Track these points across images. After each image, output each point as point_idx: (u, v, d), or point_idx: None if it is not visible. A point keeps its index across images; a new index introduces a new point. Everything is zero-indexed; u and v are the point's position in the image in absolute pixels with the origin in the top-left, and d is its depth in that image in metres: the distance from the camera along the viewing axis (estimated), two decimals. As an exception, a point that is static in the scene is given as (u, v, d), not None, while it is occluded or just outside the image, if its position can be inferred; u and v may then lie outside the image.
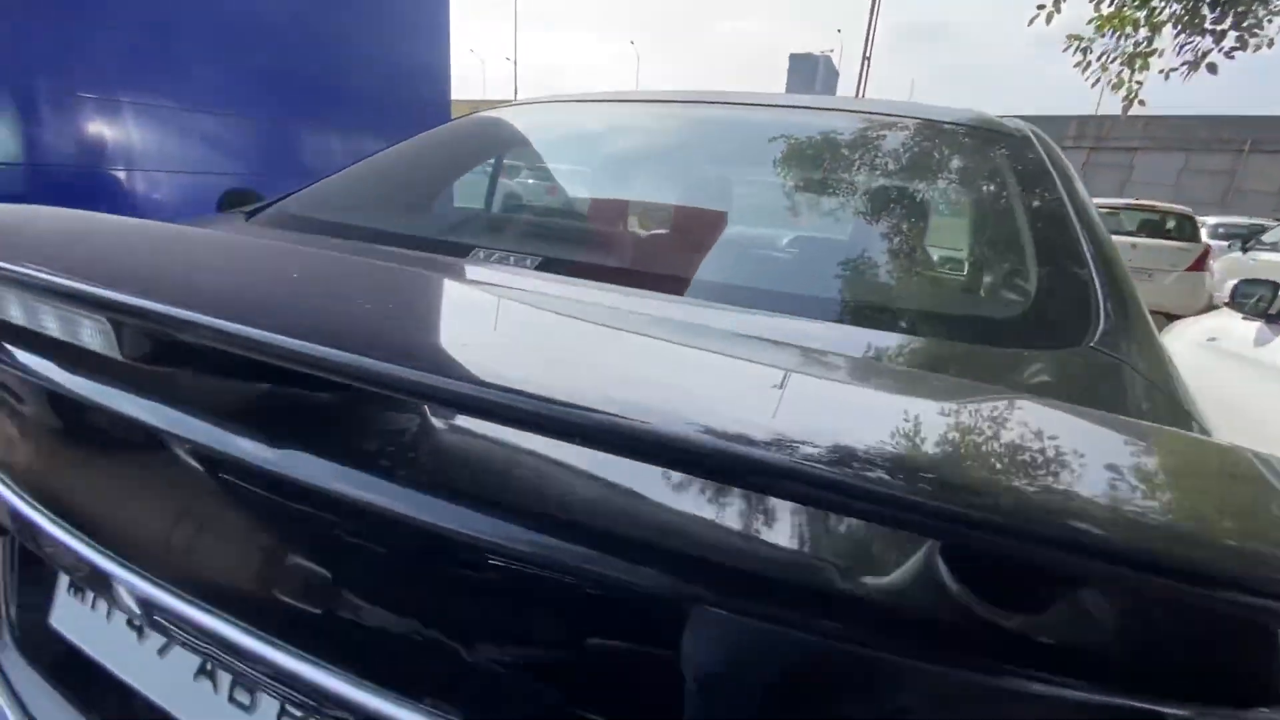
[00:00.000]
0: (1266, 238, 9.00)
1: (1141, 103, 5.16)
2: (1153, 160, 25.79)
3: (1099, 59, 5.12)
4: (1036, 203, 0.92)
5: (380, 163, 1.36)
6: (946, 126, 1.19)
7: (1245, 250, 8.88)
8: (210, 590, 0.54)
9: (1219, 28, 4.57)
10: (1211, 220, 11.94)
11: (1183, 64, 4.82)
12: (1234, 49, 4.68)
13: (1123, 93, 5.11)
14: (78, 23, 2.23)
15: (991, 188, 1.03)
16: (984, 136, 1.16)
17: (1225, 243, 9.44)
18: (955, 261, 1.28)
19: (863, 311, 0.80)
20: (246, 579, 0.54)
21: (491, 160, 1.87)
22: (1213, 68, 4.68)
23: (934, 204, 1.18)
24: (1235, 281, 2.50)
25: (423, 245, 0.97)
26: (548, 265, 0.86)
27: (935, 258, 1.27)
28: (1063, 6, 4.99)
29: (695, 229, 1.30)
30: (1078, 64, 5.19)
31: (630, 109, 1.51)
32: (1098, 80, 5.11)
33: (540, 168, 2.20)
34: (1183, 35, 4.68)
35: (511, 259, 0.88)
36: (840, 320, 0.75)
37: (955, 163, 1.15)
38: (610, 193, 1.57)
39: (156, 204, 2.58)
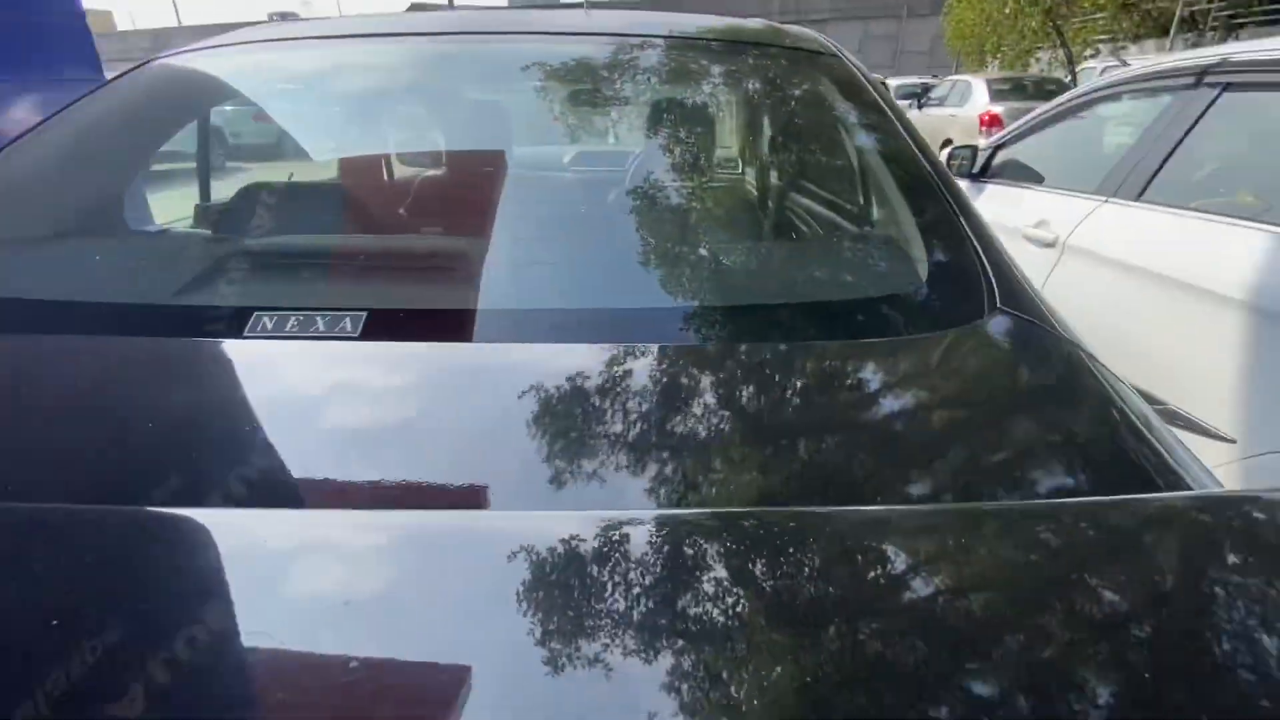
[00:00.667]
0: (934, 94, 10.97)
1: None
2: (840, 29, 29.30)
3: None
4: (889, 150, 0.89)
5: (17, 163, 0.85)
6: (753, 48, 1.10)
7: (921, 108, 10.77)
8: None
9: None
10: (894, 82, 14.17)
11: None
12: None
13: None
14: None
15: (837, 133, 0.98)
16: (804, 60, 1.06)
17: (905, 102, 11.31)
18: (839, 232, 1.12)
19: (750, 317, 0.71)
20: None
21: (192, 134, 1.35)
22: None
23: (786, 161, 1.09)
24: (950, 148, 3.01)
25: (126, 325, 0.62)
26: (385, 325, 0.62)
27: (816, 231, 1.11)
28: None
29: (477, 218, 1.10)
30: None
31: (377, 46, 1.15)
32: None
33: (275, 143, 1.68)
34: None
35: (313, 322, 0.60)
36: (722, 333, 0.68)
37: (792, 104, 1.05)
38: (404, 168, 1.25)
39: None
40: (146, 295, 0.71)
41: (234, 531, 0.40)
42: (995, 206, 2.38)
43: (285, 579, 0.37)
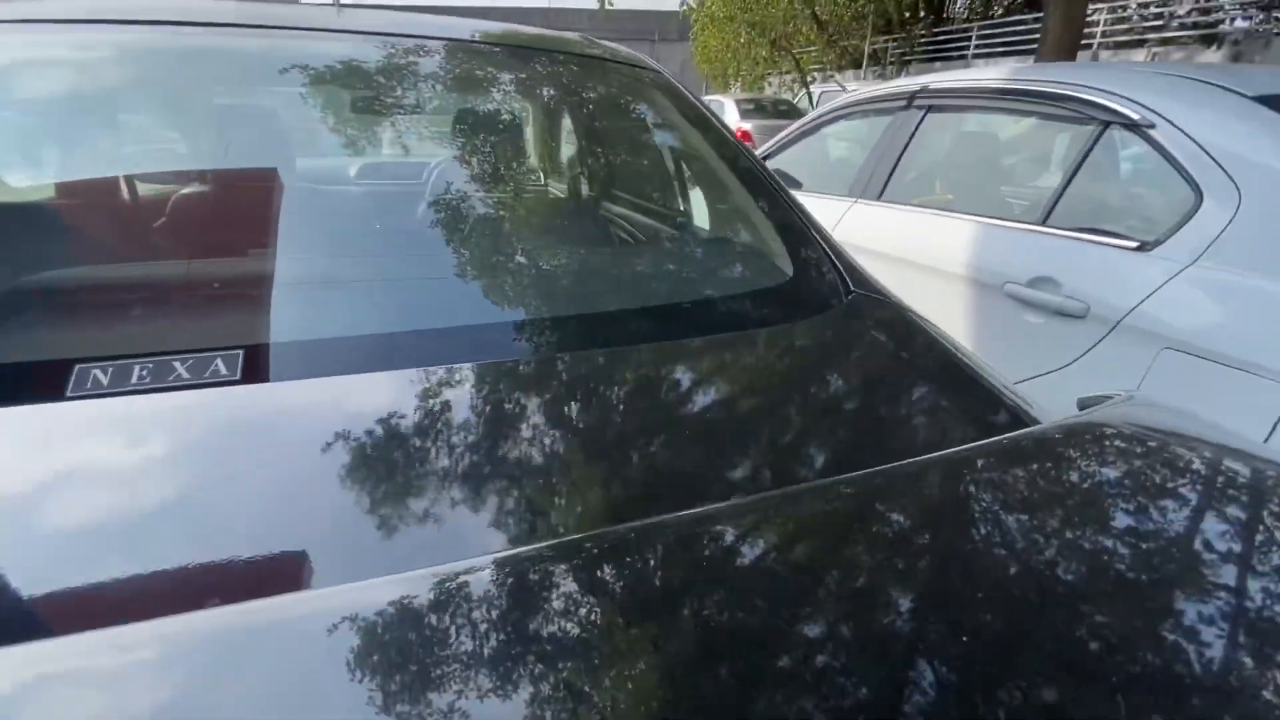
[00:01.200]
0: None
1: (611, 2, 6.11)
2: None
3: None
4: (730, 159, 0.97)
5: None
6: (579, 63, 1.10)
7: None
8: None
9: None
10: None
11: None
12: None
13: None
14: None
15: (683, 145, 1.04)
16: (631, 77, 1.09)
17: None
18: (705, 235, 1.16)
19: (647, 318, 0.72)
20: None
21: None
22: None
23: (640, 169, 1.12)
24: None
25: None
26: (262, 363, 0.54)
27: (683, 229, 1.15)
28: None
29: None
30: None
31: (121, 35, 0.91)
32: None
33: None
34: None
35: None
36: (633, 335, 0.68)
37: (630, 116, 1.09)
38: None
39: None
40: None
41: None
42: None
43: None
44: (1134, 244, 1.45)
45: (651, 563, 0.38)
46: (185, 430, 0.48)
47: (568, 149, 1.17)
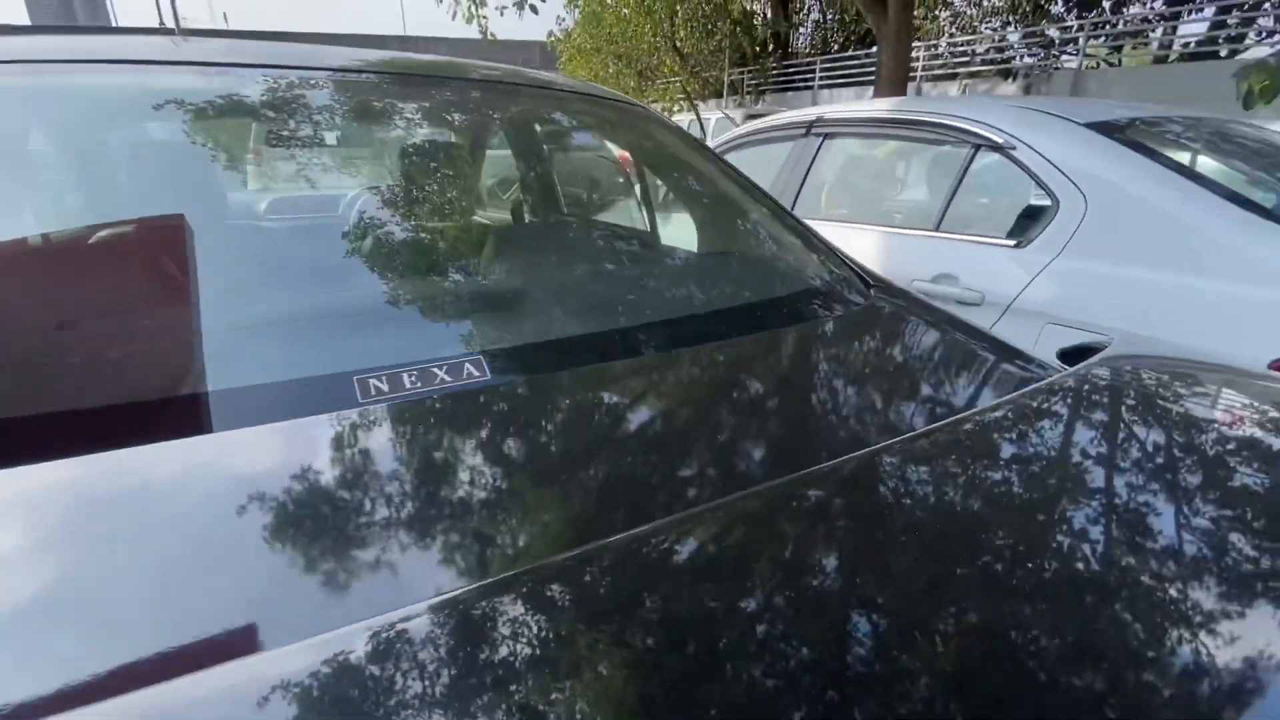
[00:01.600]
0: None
1: (493, 35, 6.19)
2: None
3: (445, -10, 5.80)
4: (742, 184, 1.13)
5: None
6: (589, 104, 1.22)
7: (563, 150, 12.05)
8: None
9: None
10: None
11: (514, 4, 5.99)
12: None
13: (475, 23, 6.00)
14: None
15: (702, 172, 1.17)
16: (637, 115, 1.22)
17: (549, 146, 12.52)
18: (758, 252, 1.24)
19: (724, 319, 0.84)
20: None
21: None
22: (534, 8, 6.03)
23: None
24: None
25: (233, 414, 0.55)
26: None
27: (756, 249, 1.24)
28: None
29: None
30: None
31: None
32: (454, 14, 5.81)
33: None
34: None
35: None
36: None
37: (658, 146, 1.21)
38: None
39: None
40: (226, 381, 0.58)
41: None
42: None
43: None
44: (1012, 243, 1.78)
45: (736, 533, 0.45)
46: (463, 422, 0.55)
47: (621, 184, 1.26)
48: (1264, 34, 9.18)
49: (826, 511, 0.47)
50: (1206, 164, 1.79)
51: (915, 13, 8.71)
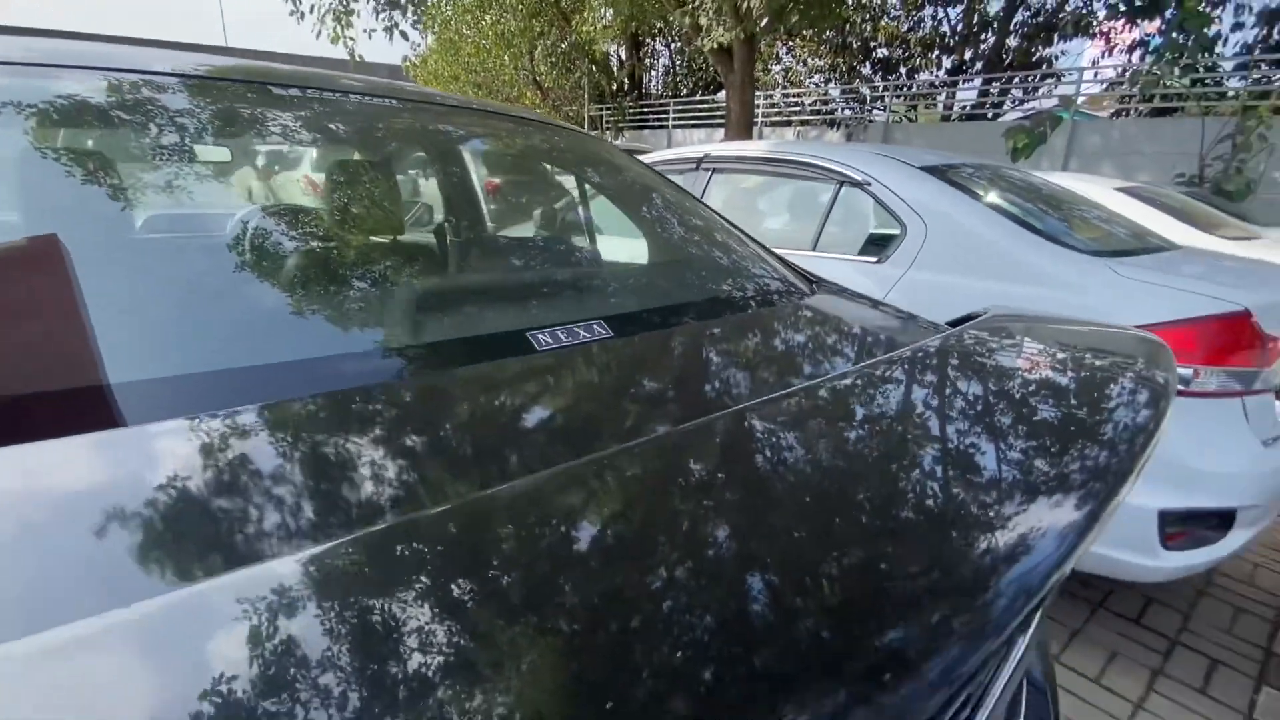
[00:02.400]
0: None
1: (361, 57, 6.04)
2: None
3: (312, 12, 5.60)
4: (688, 201, 1.37)
5: None
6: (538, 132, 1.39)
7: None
8: None
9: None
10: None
11: (383, 29, 5.91)
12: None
13: (341, 44, 5.83)
14: None
15: (660, 191, 1.38)
16: (589, 143, 1.45)
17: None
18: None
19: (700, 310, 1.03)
20: None
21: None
22: (405, 35, 6.00)
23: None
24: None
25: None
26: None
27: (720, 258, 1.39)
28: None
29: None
30: (292, 13, 5.51)
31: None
32: (319, 33, 5.60)
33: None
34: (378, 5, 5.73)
35: None
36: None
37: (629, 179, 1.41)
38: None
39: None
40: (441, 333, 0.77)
41: None
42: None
43: None
44: (873, 259, 2.20)
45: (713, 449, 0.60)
46: (601, 367, 0.73)
47: (608, 203, 1.43)
48: (1016, 101, 11.47)
49: (751, 427, 0.64)
50: (998, 199, 2.35)
51: (754, 66, 9.78)
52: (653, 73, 17.12)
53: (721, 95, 16.28)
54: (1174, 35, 7.63)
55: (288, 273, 0.77)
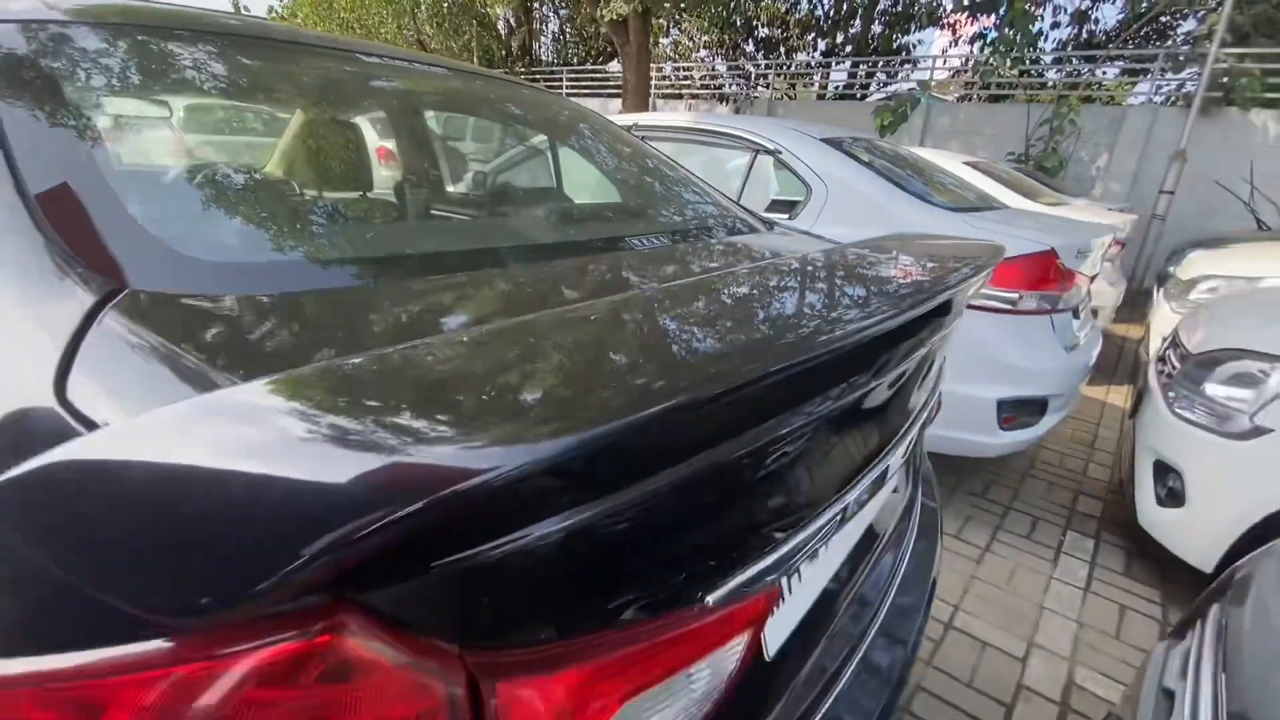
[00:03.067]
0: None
1: (246, 8, 5.62)
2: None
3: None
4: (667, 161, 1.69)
5: None
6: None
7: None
8: None
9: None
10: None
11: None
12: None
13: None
14: None
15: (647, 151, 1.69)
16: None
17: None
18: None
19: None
20: None
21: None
22: None
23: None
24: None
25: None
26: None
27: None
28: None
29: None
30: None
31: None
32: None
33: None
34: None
35: None
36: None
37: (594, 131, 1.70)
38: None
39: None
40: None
41: None
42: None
43: None
44: (785, 217, 2.63)
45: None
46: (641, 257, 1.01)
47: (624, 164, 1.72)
48: (881, 84, 12.63)
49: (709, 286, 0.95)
50: (880, 166, 2.85)
51: (649, 39, 10.05)
52: (543, 39, 16.86)
53: (614, 66, 16.41)
54: (1005, 30, 8.85)
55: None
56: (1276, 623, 0.90)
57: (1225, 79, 7.51)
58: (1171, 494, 2.09)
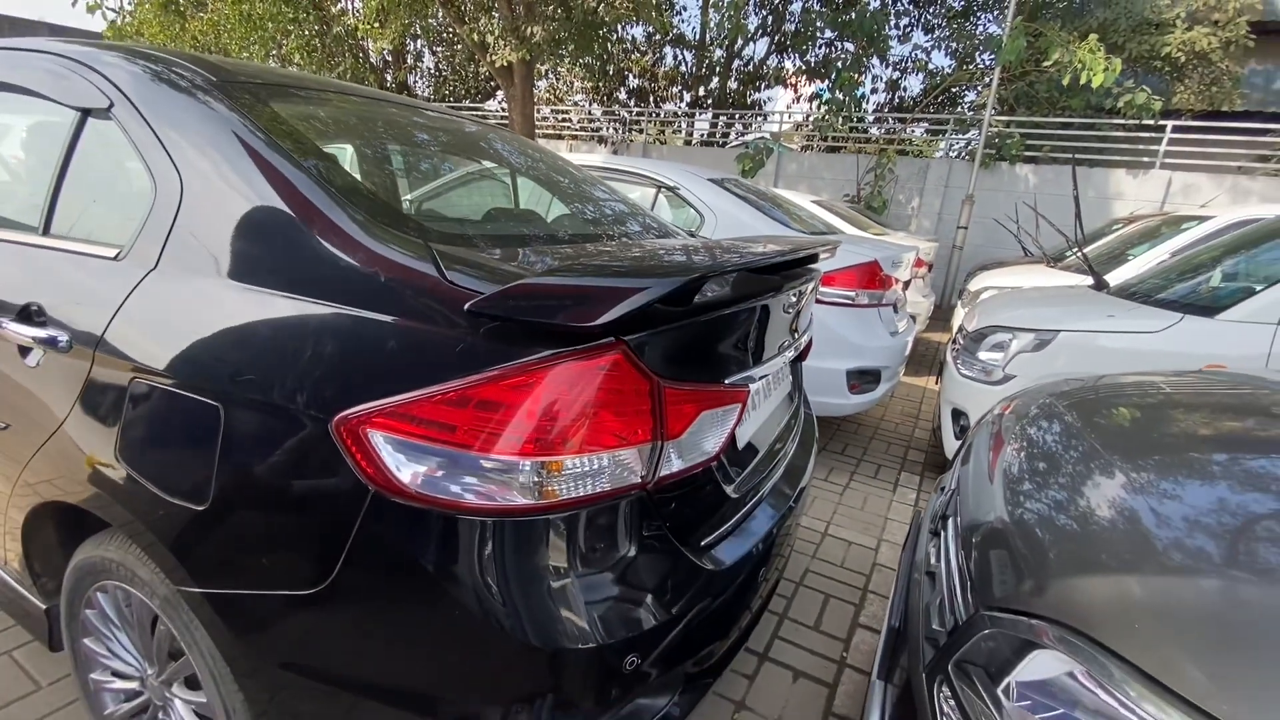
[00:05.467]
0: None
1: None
2: None
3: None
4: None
5: None
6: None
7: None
8: None
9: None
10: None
11: None
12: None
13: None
14: None
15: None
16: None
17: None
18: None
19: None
20: None
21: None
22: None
23: None
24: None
25: None
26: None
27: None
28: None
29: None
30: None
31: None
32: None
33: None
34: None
35: None
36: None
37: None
38: None
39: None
40: None
41: None
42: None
43: None
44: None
45: None
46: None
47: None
48: (738, 134, 14.26)
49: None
50: (751, 200, 3.64)
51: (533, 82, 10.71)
52: (416, 76, 16.98)
53: (490, 105, 16.90)
54: (835, 92, 10.60)
55: None
56: (979, 453, 1.61)
57: (997, 139, 9.58)
58: (963, 429, 2.98)
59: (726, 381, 1.13)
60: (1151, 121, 9.04)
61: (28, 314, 1.18)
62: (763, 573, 1.29)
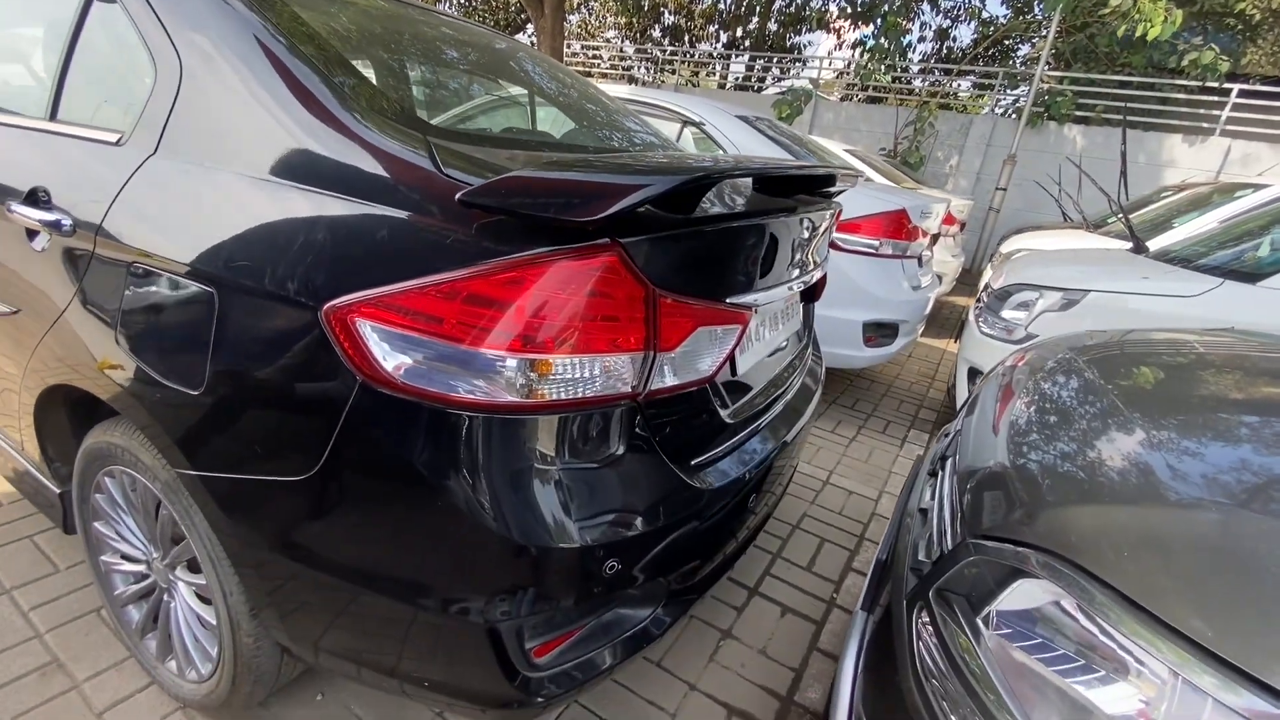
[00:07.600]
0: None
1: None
2: None
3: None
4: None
5: None
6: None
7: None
8: None
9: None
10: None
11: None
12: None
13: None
14: None
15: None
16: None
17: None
18: None
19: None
20: None
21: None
22: None
23: None
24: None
25: None
26: None
27: None
28: None
29: None
30: None
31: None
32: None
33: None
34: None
35: None
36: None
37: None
38: None
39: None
40: None
41: None
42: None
43: None
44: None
45: None
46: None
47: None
48: (775, 79, 13.68)
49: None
50: (781, 141, 3.50)
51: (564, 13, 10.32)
52: (445, 3, 16.45)
53: (520, 38, 16.36)
54: (880, 39, 10.06)
55: None
56: (985, 402, 1.57)
57: (1046, 97, 9.08)
58: (977, 388, 2.92)
59: (728, 301, 1.10)
60: (1216, 84, 8.48)
61: (35, 197, 1.18)
62: (752, 501, 1.28)
